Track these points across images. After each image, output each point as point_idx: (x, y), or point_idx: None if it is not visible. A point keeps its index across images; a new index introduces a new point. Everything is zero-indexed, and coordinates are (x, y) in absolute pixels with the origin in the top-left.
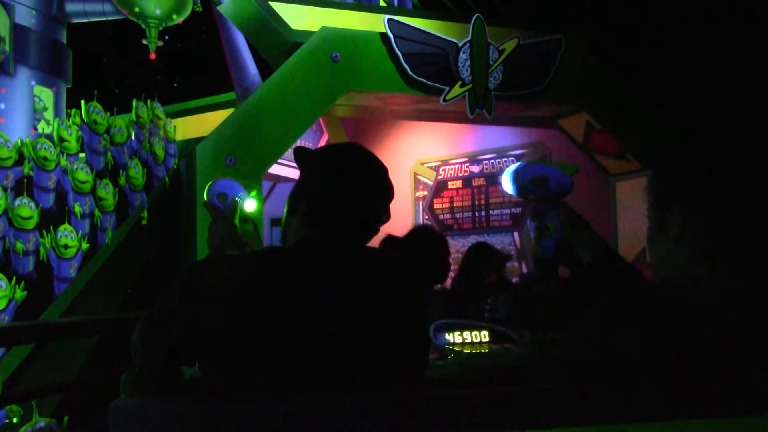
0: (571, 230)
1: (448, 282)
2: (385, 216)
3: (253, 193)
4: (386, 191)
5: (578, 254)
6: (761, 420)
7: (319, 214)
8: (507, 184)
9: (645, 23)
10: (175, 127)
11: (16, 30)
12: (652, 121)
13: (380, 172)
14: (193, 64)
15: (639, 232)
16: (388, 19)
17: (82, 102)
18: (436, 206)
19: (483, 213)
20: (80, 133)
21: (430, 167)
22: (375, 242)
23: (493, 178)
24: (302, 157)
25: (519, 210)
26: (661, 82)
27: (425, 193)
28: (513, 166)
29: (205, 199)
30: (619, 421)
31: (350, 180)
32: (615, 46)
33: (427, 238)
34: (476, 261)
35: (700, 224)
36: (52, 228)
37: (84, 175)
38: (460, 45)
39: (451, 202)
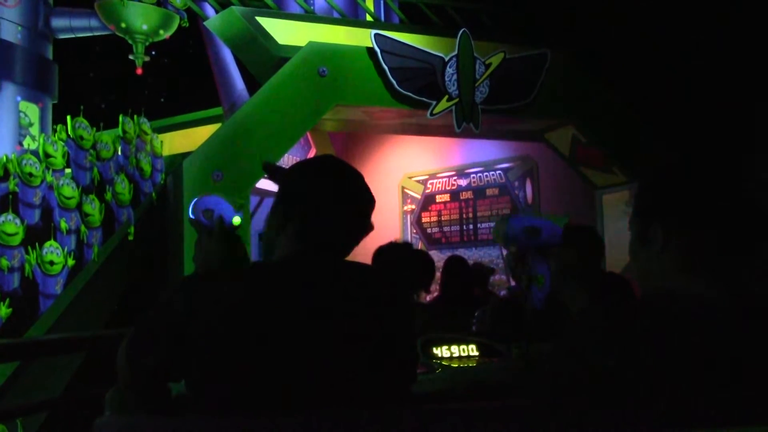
0: (561, 282)
1: (435, 296)
2: (369, 227)
3: (240, 208)
4: (371, 203)
5: (566, 303)
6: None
7: (314, 231)
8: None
9: (630, 37)
10: (162, 142)
11: (2, 45)
12: (638, 134)
13: (364, 184)
14: (180, 79)
15: (625, 244)
16: (375, 34)
17: (68, 117)
18: (423, 220)
19: (471, 226)
20: (66, 148)
21: (418, 181)
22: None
23: (480, 192)
24: (277, 172)
25: None
26: (647, 95)
27: (413, 206)
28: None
29: (191, 215)
30: None
31: (344, 196)
32: (600, 60)
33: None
34: (451, 275)
35: (682, 239)
36: (37, 244)
37: (70, 190)
38: (446, 59)
39: (439, 215)
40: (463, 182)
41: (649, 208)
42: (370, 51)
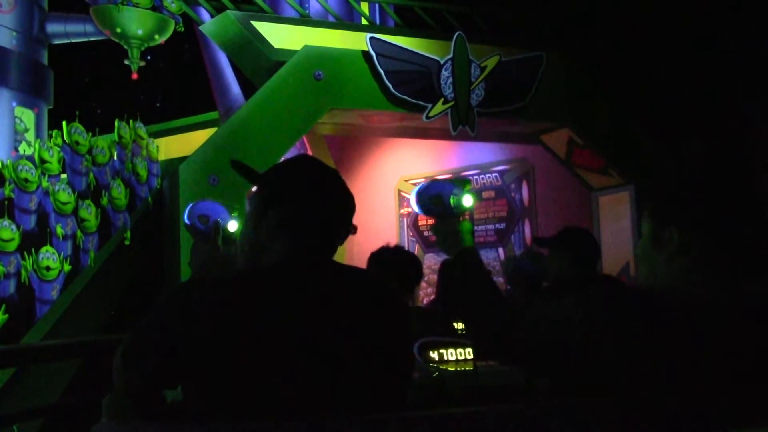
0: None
1: (431, 300)
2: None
3: (236, 213)
4: (353, 200)
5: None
6: None
7: (306, 234)
8: (413, 203)
9: (626, 38)
10: (158, 146)
11: None
12: (635, 136)
13: (344, 182)
14: (176, 83)
15: (622, 246)
16: (371, 38)
17: (64, 123)
18: (420, 223)
19: None
20: (62, 154)
21: (415, 184)
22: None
23: (477, 195)
24: (249, 171)
25: (503, 226)
26: (643, 96)
27: (410, 210)
28: (418, 187)
29: (187, 221)
30: None
31: (332, 196)
32: (596, 62)
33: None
34: (447, 278)
35: (698, 241)
36: (33, 250)
37: (66, 196)
38: (442, 62)
39: None
40: None
41: (666, 211)
42: (366, 54)
